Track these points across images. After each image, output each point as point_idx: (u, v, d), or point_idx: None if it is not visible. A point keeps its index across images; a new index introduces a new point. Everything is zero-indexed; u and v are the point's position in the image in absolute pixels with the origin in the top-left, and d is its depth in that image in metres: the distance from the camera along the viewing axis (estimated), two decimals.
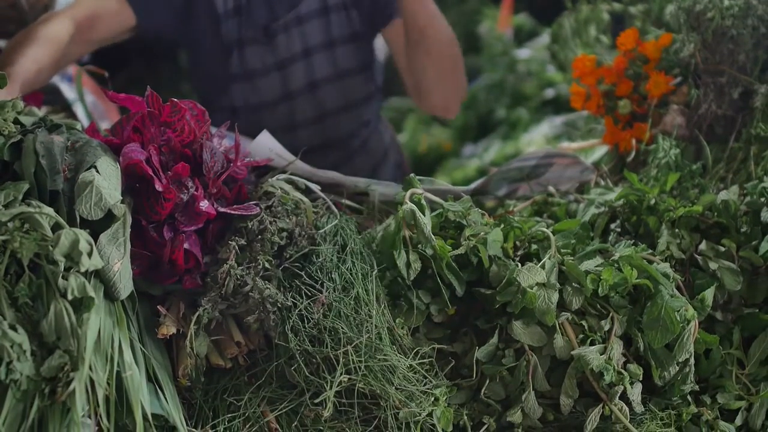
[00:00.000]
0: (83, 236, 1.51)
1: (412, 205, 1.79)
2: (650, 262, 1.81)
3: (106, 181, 1.67)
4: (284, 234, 1.82)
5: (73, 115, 2.73)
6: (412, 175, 1.92)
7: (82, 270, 1.48)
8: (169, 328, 1.70)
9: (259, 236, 1.78)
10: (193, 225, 1.77)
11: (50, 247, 1.48)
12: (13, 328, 1.41)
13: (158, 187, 1.72)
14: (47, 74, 2.34)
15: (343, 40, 2.74)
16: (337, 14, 2.69)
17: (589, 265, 1.79)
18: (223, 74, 2.73)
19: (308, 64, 2.74)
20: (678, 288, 1.82)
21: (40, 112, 2.12)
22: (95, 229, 1.60)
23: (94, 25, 2.50)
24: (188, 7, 2.62)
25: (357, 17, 2.75)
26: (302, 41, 2.71)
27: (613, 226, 2.05)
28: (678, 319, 1.69)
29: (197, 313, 1.69)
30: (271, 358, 1.71)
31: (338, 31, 2.70)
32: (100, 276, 1.56)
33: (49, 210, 1.56)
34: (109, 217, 1.64)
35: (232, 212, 1.83)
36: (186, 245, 1.76)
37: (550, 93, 5.31)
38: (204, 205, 1.78)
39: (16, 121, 1.80)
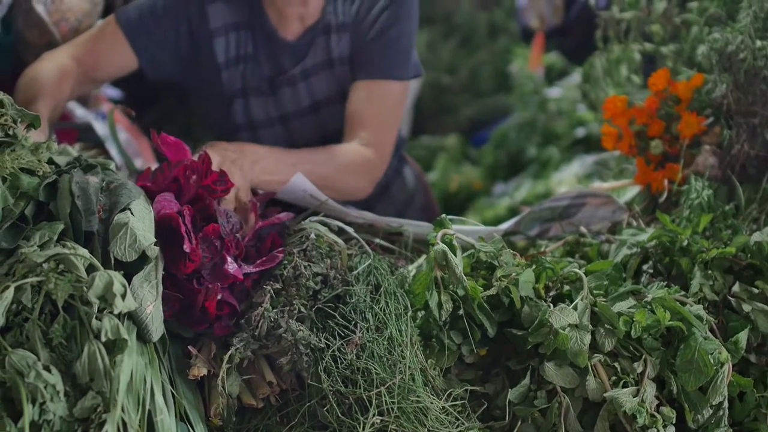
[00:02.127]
0: (117, 278, 1.53)
1: (444, 245, 1.80)
2: (683, 303, 1.80)
3: (140, 222, 1.68)
4: (319, 278, 1.82)
5: (105, 152, 2.75)
6: (443, 215, 1.92)
7: (116, 312, 1.50)
8: (200, 369, 1.70)
9: (295, 281, 1.79)
10: (219, 284, 1.79)
11: (85, 289, 1.49)
12: (47, 368, 1.43)
13: (186, 248, 1.74)
14: (58, 114, 2.41)
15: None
16: (341, 67, 2.65)
17: (621, 306, 1.78)
18: (227, 123, 2.71)
19: (317, 119, 2.71)
20: (711, 330, 1.81)
21: (74, 149, 2.15)
22: (128, 270, 1.62)
23: (98, 65, 2.53)
24: (193, 54, 2.61)
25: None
26: (309, 95, 2.67)
27: (645, 267, 2.04)
28: (711, 361, 1.68)
29: (229, 353, 1.69)
30: (303, 398, 1.71)
31: (346, 84, 2.63)
32: (132, 318, 1.57)
33: (84, 251, 1.57)
34: (142, 259, 1.65)
35: (257, 270, 1.86)
36: (219, 296, 1.77)
37: (580, 132, 5.30)
38: (232, 267, 1.80)
39: (50, 161, 1.82)
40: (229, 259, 1.81)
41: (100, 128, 2.89)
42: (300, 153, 2.41)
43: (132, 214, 1.70)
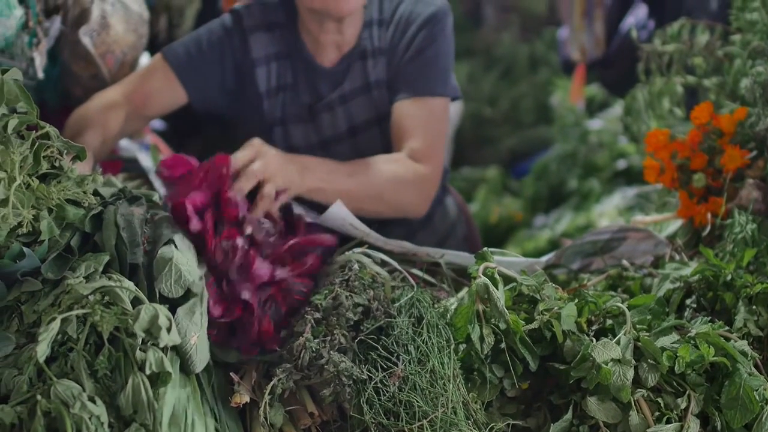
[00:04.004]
0: (162, 311, 1.54)
1: (486, 279, 1.80)
2: (727, 339, 1.78)
3: (184, 256, 1.70)
4: (360, 309, 1.83)
5: (149, 183, 2.78)
6: (485, 248, 1.92)
7: (161, 345, 1.51)
8: (242, 397, 1.71)
9: (335, 311, 1.80)
10: (248, 285, 1.82)
11: (130, 321, 1.51)
12: (91, 399, 1.44)
13: (193, 227, 1.84)
14: (107, 149, 2.49)
15: (389, 115, 2.66)
16: (378, 91, 2.66)
17: (665, 341, 1.77)
18: None
19: (354, 143, 2.72)
20: (756, 366, 1.79)
21: (119, 180, 2.18)
22: (172, 302, 1.63)
23: (148, 102, 2.59)
24: (238, 85, 2.65)
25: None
26: (347, 120, 2.68)
27: (688, 301, 2.03)
28: (757, 398, 1.66)
29: (271, 384, 1.70)
30: (344, 429, 1.71)
31: (383, 108, 2.66)
32: (176, 349, 1.58)
33: (130, 284, 1.59)
34: (187, 290, 1.67)
35: (289, 274, 1.88)
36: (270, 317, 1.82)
37: (622, 164, 5.29)
38: (261, 268, 1.83)
39: (95, 193, 1.85)
40: (257, 260, 1.84)
41: (145, 159, 2.92)
42: (354, 164, 2.45)
43: (176, 247, 1.72)
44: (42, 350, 1.46)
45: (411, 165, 2.50)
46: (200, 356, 1.61)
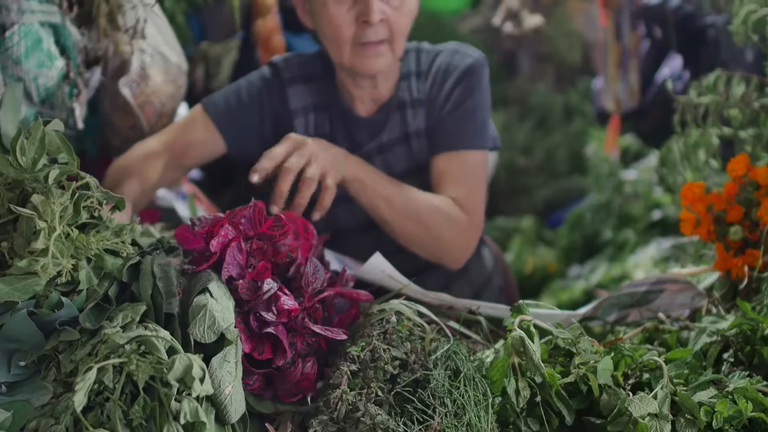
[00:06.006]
0: (197, 362, 1.54)
1: (521, 332, 1.79)
2: (766, 394, 1.76)
3: (219, 304, 1.71)
4: (397, 362, 1.82)
5: None
6: (521, 301, 1.92)
7: (194, 395, 1.51)
8: None
9: (373, 364, 1.80)
10: (276, 318, 1.81)
11: (165, 371, 1.51)
12: None
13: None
14: (146, 198, 2.53)
15: (427, 165, 2.68)
16: (418, 141, 2.68)
17: (702, 396, 1.75)
18: None
19: None
20: None
21: (157, 230, 2.20)
22: (208, 351, 1.64)
23: (187, 152, 2.63)
24: (276, 136, 2.66)
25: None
26: (386, 169, 2.66)
27: (725, 355, 2.01)
28: None
29: None
30: None
31: (422, 158, 2.68)
32: (211, 399, 1.58)
33: (165, 333, 1.60)
34: (222, 340, 1.67)
35: (318, 331, 1.87)
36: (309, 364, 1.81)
37: (657, 215, 5.27)
38: (287, 303, 1.82)
39: (133, 243, 1.87)
40: (282, 296, 1.83)
41: (182, 209, 2.95)
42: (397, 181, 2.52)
43: (211, 295, 1.72)
44: (79, 400, 1.46)
45: (454, 206, 2.53)
46: (235, 407, 1.61)
